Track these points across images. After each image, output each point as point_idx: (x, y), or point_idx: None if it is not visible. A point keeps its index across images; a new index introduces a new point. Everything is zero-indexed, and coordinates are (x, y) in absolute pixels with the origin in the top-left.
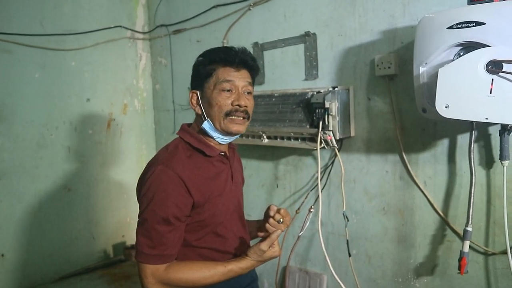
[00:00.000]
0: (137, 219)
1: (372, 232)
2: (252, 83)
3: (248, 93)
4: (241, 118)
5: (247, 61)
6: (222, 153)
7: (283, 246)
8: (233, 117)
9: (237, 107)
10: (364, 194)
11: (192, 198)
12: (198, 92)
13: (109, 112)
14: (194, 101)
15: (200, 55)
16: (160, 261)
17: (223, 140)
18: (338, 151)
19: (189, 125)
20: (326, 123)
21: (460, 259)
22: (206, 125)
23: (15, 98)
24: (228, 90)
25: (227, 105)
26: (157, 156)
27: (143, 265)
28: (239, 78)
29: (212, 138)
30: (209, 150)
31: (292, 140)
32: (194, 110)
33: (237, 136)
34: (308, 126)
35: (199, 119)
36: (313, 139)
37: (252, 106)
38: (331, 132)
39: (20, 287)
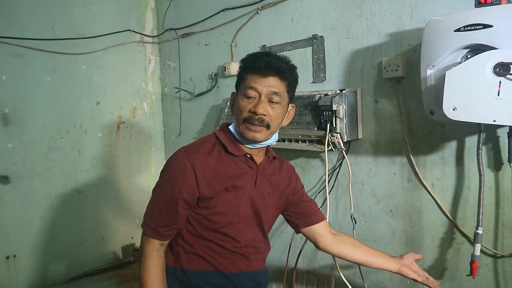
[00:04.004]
0: None
1: (380, 234)
2: (289, 92)
3: (273, 101)
4: (258, 126)
5: (274, 65)
6: (248, 155)
7: (291, 248)
8: (249, 124)
9: (252, 114)
10: (371, 196)
11: (198, 190)
12: (236, 93)
13: (118, 115)
14: (231, 103)
15: (240, 60)
16: (154, 236)
17: (247, 144)
18: (346, 153)
19: (229, 124)
20: (334, 125)
21: (472, 263)
22: (232, 126)
23: (26, 102)
24: (250, 97)
25: (245, 112)
26: (189, 144)
27: (143, 235)
28: (264, 85)
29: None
30: (232, 148)
31: (300, 142)
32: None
33: (263, 143)
34: (315, 129)
35: None
36: (320, 141)
37: (278, 116)
38: (338, 135)
39: None
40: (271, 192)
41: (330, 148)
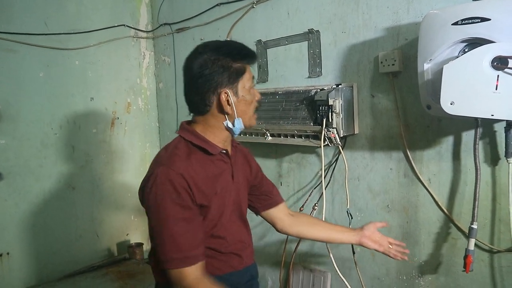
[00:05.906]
0: (150, 227)
1: None
2: None
3: None
4: None
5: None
6: (224, 151)
7: (287, 243)
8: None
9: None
10: (368, 191)
11: (194, 199)
12: (229, 91)
13: (113, 111)
14: (229, 102)
15: (221, 52)
16: (189, 263)
17: (235, 135)
18: (342, 149)
19: (188, 122)
20: (330, 120)
21: (466, 257)
22: (239, 123)
23: (19, 98)
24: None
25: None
26: (158, 157)
27: (175, 271)
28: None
29: (233, 135)
30: (211, 148)
31: (295, 137)
32: (223, 111)
33: None
34: (311, 124)
35: (213, 118)
36: (316, 136)
37: None
38: (334, 130)
39: (25, 285)
40: (242, 181)
41: (326, 143)
